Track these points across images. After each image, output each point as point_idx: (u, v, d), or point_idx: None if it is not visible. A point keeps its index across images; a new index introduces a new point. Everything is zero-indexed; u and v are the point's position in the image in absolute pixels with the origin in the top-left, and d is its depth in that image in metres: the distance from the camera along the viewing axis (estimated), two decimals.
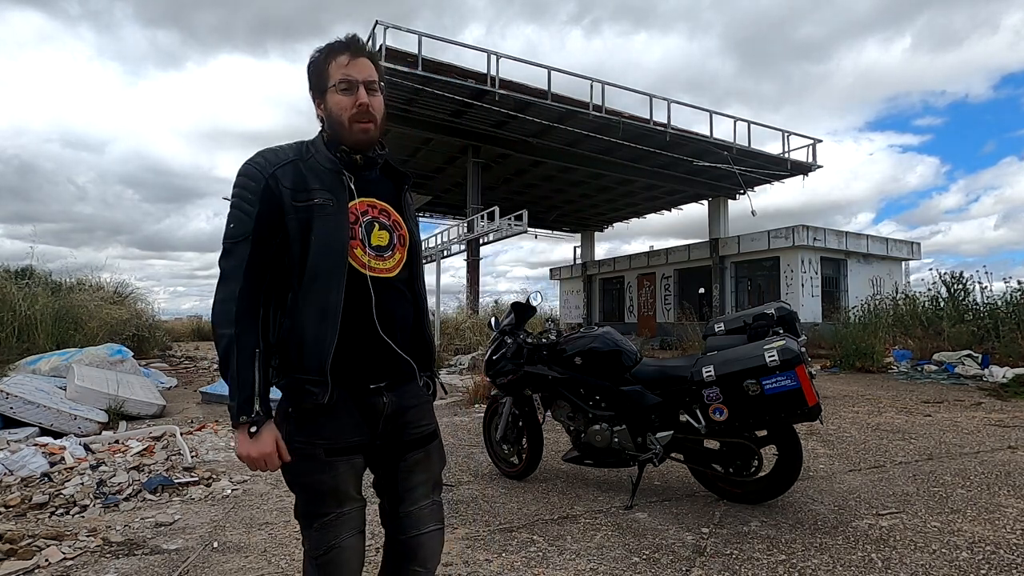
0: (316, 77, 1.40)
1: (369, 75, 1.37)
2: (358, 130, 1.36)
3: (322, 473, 1.34)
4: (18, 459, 3.61)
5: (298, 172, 1.35)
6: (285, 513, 3.05)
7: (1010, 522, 2.78)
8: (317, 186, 1.34)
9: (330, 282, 1.31)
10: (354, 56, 1.36)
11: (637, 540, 2.63)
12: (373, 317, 1.35)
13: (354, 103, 1.35)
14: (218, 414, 6.10)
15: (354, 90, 1.35)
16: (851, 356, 9.79)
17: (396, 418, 1.42)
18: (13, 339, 8.15)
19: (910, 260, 19.69)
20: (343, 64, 1.35)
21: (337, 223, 1.33)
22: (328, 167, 1.37)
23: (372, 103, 1.37)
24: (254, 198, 1.32)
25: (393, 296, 1.41)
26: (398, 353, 1.39)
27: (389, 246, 1.42)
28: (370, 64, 1.38)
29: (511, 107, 13.44)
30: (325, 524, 1.35)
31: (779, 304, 3.24)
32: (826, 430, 4.95)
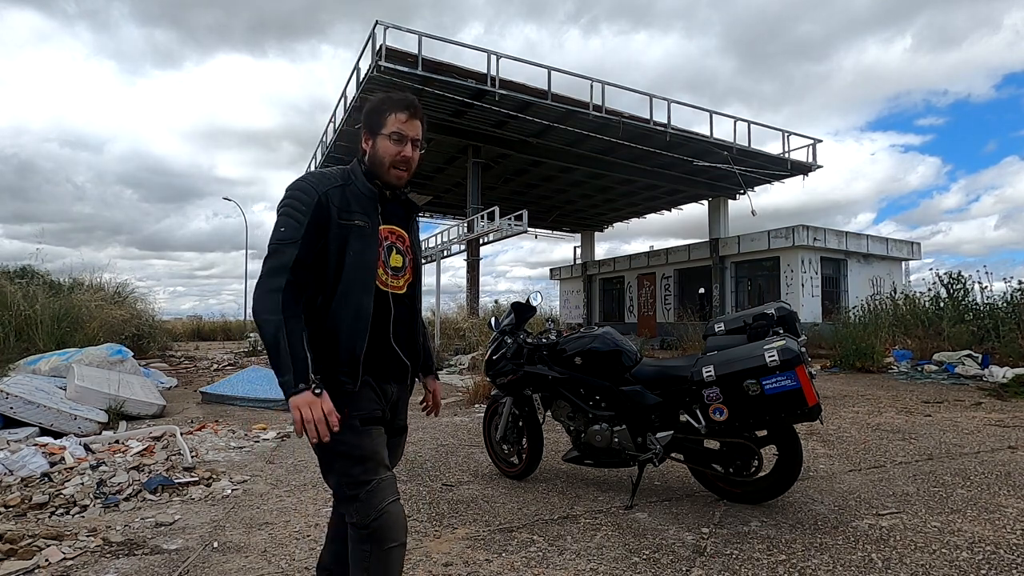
0: (373, 119, 1.65)
1: (418, 134, 1.65)
2: (395, 175, 1.64)
3: (360, 438, 1.55)
4: (18, 459, 3.61)
5: (344, 195, 1.60)
6: (285, 513, 3.05)
7: (1010, 522, 2.78)
8: (358, 210, 1.60)
9: (364, 292, 1.57)
10: (411, 117, 1.63)
11: (637, 540, 2.63)
12: (390, 327, 1.64)
13: (399, 153, 1.62)
14: (218, 414, 6.11)
15: (403, 143, 1.62)
16: (851, 356, 9.78)
17: (394, 407, 1.73)
18: (13, 339, 8.15)
19: (910, 260, 19.69)
20: (401, 120, 1.62)
21: (371, 243, 1.60)
22: (367, 195, 1.63)
23: (414, 157, 1.66)
24: (306, 209, 1.55)
25: (403, 310, 1.69)
26: (403, 359, 1.69)
27: (402, 268, 1.70)
28: (420, 126, 1.66)
29: (511, 107, 13.44)
30: (371, 491, 1.51)
31: (779, 304, 3.24)
32: (826, 430, 4.95)
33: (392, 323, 1.64)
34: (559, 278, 28.13)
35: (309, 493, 3.40)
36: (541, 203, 22.01)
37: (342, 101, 14.87)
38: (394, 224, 1.70)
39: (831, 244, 17.46)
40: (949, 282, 11.56)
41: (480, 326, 11.97)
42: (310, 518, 2.97)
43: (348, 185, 1.62)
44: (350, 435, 1.52)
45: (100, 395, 5.59)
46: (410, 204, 1.78)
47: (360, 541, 1.51)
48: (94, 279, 13.54)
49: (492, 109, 13.26)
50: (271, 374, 7.94)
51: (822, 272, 17.52)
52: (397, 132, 1.61)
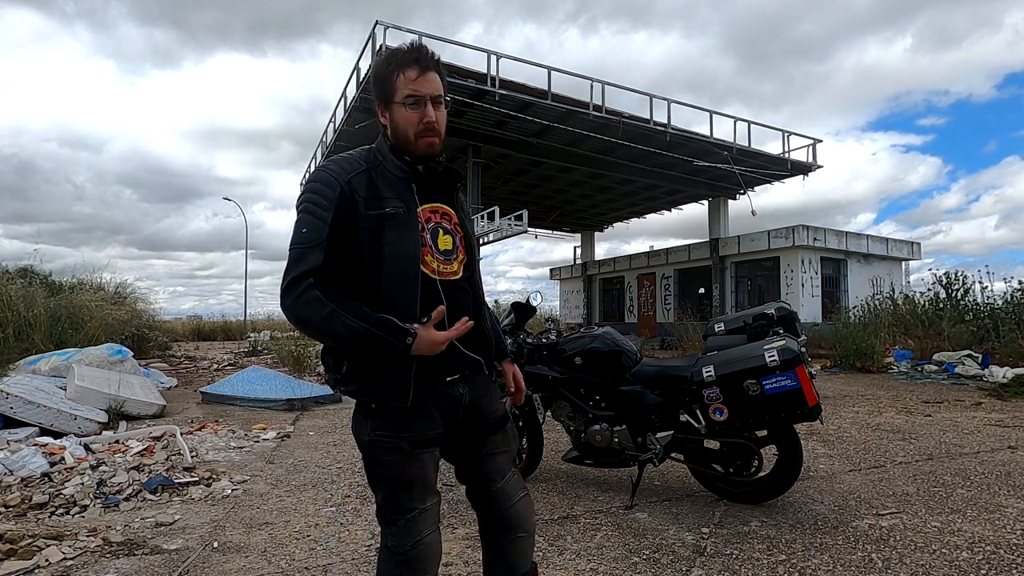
0: (381, 86, 1.41)
1: (436, 90, 1.39)
2: (424, 144, 1.40)
3: (409, 465, 1.38)
4: (18, 459, 3.61)
5: (371, 181, 1.38)
6: (285, 513, 3.05)
7: (1010, 522, 2.78)
8: (389, 195, 1.37)
9: (407, 289, 1.36)
10: (422, 71, 1.37)
11: (637, 540, 2.63)
12: (445, 322, 1.38)
13: (421, 119, 1.37)
14: (218, 414, 6.11)
15: (421, 106, 1.37)
16: (851, 356, 9.78)
17: (472, 407, 1.48)
18: (13, 339, 8.14)
19: (910, 260, 19.69)
20: (411, 79, 1.37)
21: (408, 232, 1.37)
22: (398, 175, 1.41)
23: (437, 118, 1.40)
24: (328, 204, 1.33)
25: (459, 297, 1.46)
26: (468, 355, 1.46)
27: (454, 249, 1.47)
28: (437, 78, 1.40)
29: (511, 107, 13.44)
30: (410, 521, 1.38)
31: (779, 304, 3.24)
32: (826, 430, 4.95)
33: (448, 316, 1.38)
34: (559, 278, 28.13)
35: (309, 493, 3.40)
36: (541, 203, 22.00)
37: (342, 101, 14.87)
38: (437, 201, 1.47)
39: (831, 244, 17.46)
40: (949, 282, 11.56)
41: None
42: (310, 518, 2.97)
43: (375, 167, 1.40)
44: (397, 458, 1.36)
45: (100, 395, 5.59)
46: (451, 174, 1.52)
47: (390, 563, 1.39)
48: (94, 279, 13.56)
49: (492, 109, 13.25)
50: (271, 374, 7.95)
51: (822, 272, 17.51)
52: (411, 94, 1.36)
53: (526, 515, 1.57)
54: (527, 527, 1.57)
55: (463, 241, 1.50)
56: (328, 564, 2.41)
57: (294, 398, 6.57)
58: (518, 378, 1.68)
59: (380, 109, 1.44)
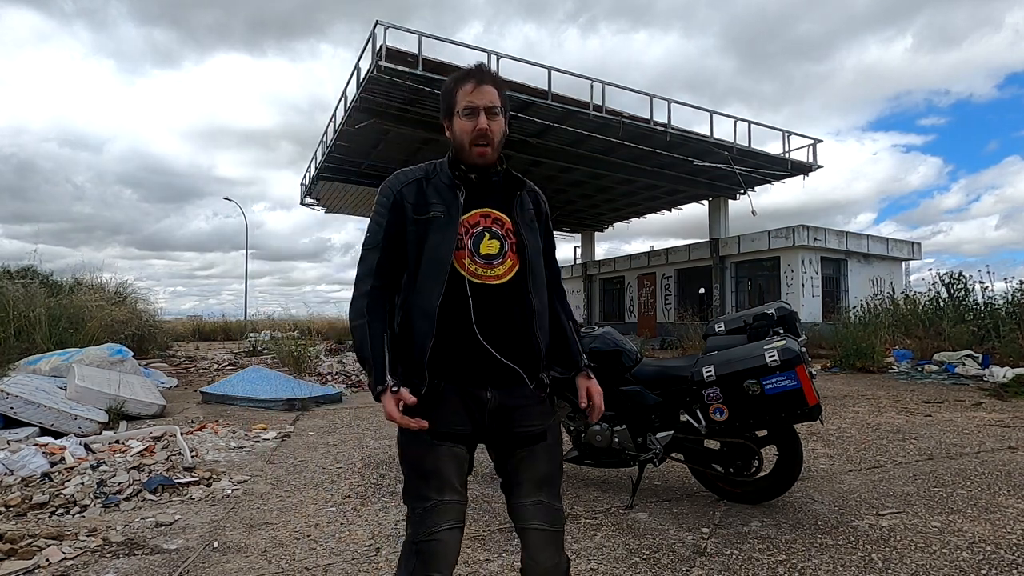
0: (445, 102, 1.54)
1: (490, 101, 1.49)
2: (476, 153, 1.49)
3: (426, 454, 1.45)
4: (18, 459, 3.61)
5: (421, 189, 1.53)
6: (285, 513, 3.05)
7: (1010, 522, 2.78)
8: (435, 201, 1.50)
9: (433, 287, 1.45)
10: (478, 84, 1.49)
11: (637, 540, 2.63)
12: (472, 323, 1.44)
13: (474, 128, 1.47)
14: (218, 414, 6.11)
15: (475, 116, 1.47)
16: (851, 356, 9.78)
17: (502, 414, 1.49)
18: (13, 339, 8.15)
19: (910, 260, 19.69)
20: (468, 92, 1.49)
21: (445, 234, 1.47)
22: (446, 183, 1.53)
23: (491, 127, 1.49)
24: (384, 211, 1.52)
25: (499, 302, 1.48)
26: (499, 358, 1.46)
27: (499, 254, 1.51)
28: (493, 90, 1.50)
29: (511, 107, 13.36)
30: (427, 510, 1.43)
31: (779, 304, 3.24)
32: (826, 430, 4.95)
33: (476, 318, 1.44)
34: None
35: (309, 493, 3.40)
36: None
37: (342, 101, 14.87)
38: (490, 207, 1.53)
39: (831, 244, 17.46)
40: (949, 282, 11.56)
41: None
42: (310, 518, 2.97)
43: (430, 177, 1.54)
44: (417, 447, 1.45)
45: (100, 395, 5.59)
46: (512, 182, 1.59)
47: (407, 551, 1.45)
48: (94, 279, 13.57)
49: None
50: (271, 374, 7.96)
51: (822, 272, 17.51)
52: (467, 105, 1.48)
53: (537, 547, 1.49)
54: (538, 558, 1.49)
55: (514, 247, 1.52)
56: (328, 564, 2.41)
57: (294, 398, 6.58)
58: (592, 394, 1.64)
59: (445, 124, 1.57)
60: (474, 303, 1.44)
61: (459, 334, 1.45)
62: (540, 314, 1.54)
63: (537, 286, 1.54)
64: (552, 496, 1.54)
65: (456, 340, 1.45)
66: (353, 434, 5.13)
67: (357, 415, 6.16)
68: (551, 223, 1.72)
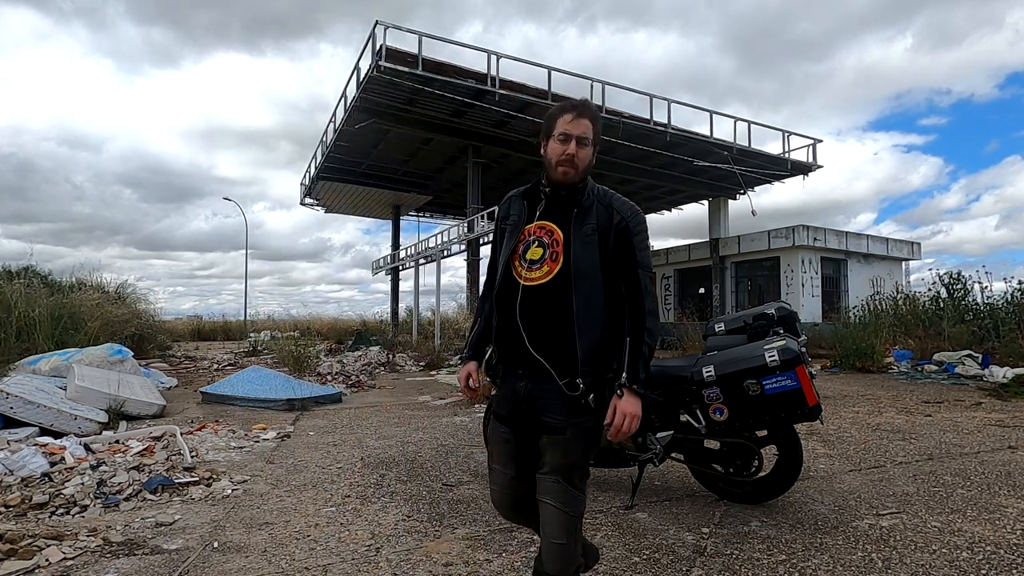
0: (546, 125, 1.77)
1: (584, 132, 1.71)
2: (560, 172, 1.73)
3: (488, 427, 1.91)
4: (18, 459, 3.61)
5: (511, 203, 1.87)
6: (285, 513, 3.05)
7: (1010, 522, 2.78)
8: (515, 212, 1.83)
9: (495, 286, 1.81)
10: (578, 116, 1.71)
11: (637, 540, 2.63)
12: (516, 319, 1.72)
13: (563, 152, 1.71)
14: (218, 414, 6.11)
15: (568, 142, 1.71)
16: (851, 356, 9.78)
17: (531, 402, 1.72)
18: (13, 339, 8.15)
19: (910, 260, 19.69)
20: (567, 121, 1.71)
21: (510, 240, 1.80)
22: (524, 198, 1.84)
23: (578, 154, 1.71)
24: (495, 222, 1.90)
25: (537, 302, 1.71)
26: (530, 351, 1.70)
27: (540, 260, 1.74)
28: (588, 123, 1.72)
29: (511, 107, 13.44)
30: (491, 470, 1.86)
31: (779, 304, 3.23)
32: (826, 430, 4.95)
33: (519, 315, 1.71)
34: None
35: (309, 493, 3.40)
36: None
37: (342, 101, 14.87)
38: (550, 220, 1.76)
39: (831, 244, 17.46)
40: (949, 282, 11.56)
41: None
42: (310, 518, 2.97)
43: (521, 195, 1.85)
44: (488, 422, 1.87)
45: (100, 395, 5.59)
46: (571, 202, 1.76)
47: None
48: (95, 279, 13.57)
49: (492, 109, 13.25)
50: (271, 374, 7.96)
51: (822, 272, 17.51)
52: (563, 132, 1.70)
53: (546, 520, 1.69)
54: (547, 531, 1.69)
55: (554, 256, 1.72)
56: (328, 564, 2.41)
57: (294, 398, 6.58)
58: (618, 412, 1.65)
59: (542, 143, 1.80)
60: (520, 299, 1.72)
61: (508, 324, 1.74)
62: (580, 317, 1.67)
63: (580, 291, 1.68)
64: (568, 480, 1.68)
65: (508, 331, 1.75)
66: (353, 434, 5.13)
67: (357, 415, 6.16)
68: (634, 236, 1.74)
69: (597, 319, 1.70)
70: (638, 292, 1.72)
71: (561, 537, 1.69)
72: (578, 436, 1.69)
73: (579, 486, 1.70)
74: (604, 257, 1.72)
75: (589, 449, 1.73)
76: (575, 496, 1.69)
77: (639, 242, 1.75)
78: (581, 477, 1.71)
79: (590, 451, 1.73)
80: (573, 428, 1.69)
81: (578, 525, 1.73)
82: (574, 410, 1.68)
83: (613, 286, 1.73)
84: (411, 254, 18.36)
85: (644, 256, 1.76)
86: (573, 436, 1.69)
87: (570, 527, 1.69)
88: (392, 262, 21.26)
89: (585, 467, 1.74)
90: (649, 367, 1.73)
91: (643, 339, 1.69)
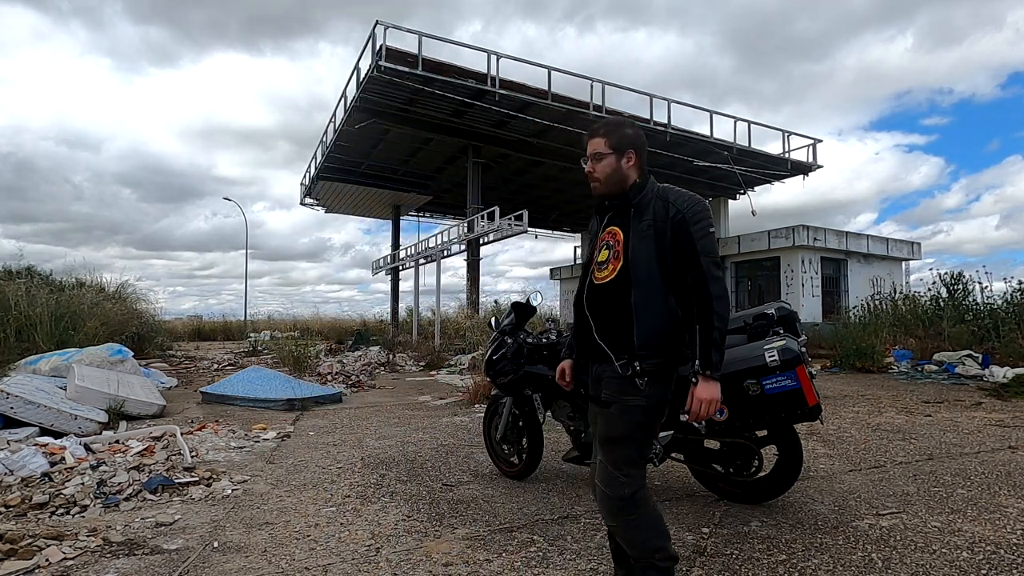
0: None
1: (594, 149, 1.93)
2: (592, 189, 1.98)
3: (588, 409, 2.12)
4: (18, 459, 3.61)
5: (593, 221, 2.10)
6: (285, 513, 3.05)
7: (1010, 522, 2.78)
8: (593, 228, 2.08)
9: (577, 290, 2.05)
10: (588, 138, 1.96)
11: None
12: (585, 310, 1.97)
13: (586, 172, 1.97)
14: (218, 414, 6.11)
15: (585, 163, 1.97)
16: (851, 356, 9.78)
17: (596, 382, 1.96)
18: (13, 339, 8.15)
19: (910, 260, 19.69)
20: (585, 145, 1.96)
21: (590, 248, 2.06)
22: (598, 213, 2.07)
23: (595, 168, 1.93)
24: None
25: (603, 297, 1.92)
26: (596, 339, 1.91)
27: (606, 261, 1.94)
28: (597, 140, 1.92)
29: (511, 107, 13.45)
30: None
31: (779, 304, 3.23)
32: (826, 430, 4.95)
33: (588, 309, 1.96)
34: (559, 278, 28.12)
35: (309, 493, 3.40)
36: (541, 203, 22.00)
37: (342, 101, 14.87)
38: (615, 225, 1.95)
39: (831, 244, 17.46)
40: (949, 282, 11.56)
41: (480, 326, 11.97)
42: (310, 518, 2.97)
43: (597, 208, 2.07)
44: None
45: (100, 395, 5.59)
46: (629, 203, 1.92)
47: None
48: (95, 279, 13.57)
49: (492, 109, 13.26)
50: (271, 374, 7.96)
51: (822, 272, 17.51)
52: (585, 156, 1.96)
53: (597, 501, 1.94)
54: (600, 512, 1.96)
55: (616, 256, 1.90)
56: (328, 564, 2.41)
57: (294, 398, 6.58)
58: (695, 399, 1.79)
59: None
60: (590, 296, 1.96)
61: (580, 317, 1.99)
62: (639, 306, 1.82)
63: (639, 285, 1.83)
64: (607, 458, 1.86)
65: (579, 322, 2.00)
66: (353, 434, 5.13)
67: (357, 415, 6.16)
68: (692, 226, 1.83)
69: (656, 307, 1.81)
70: (702, 279, 1.80)
71: (609, 519, 1.88)
72: (622, 412, 1.82)
73: (620, 467, 1.83)
74: (662, 249, 1.83)
75: (634, 428, 1.83)
76: (614, 478, 1.82)
77: (698, 231, 1.82)
78: (623, 458, 1.83)
79: (635, 430, 1.84)
80: (618, 404, 1.83)
81: (626, 508, 1.82)
82: (623, 388, 1.82)
83: (678, 276, 1.83)
84: (411, 254, 18.36)
85: (705, 243, 1.83)
86: (617, 411, 1.83)
87: (613, 509, 1.84)
88: (392, 262, 21.26)
89: (627, 446, 1.84)
90: (723, 350, 1.80)
91: (712, 324, 1.78)
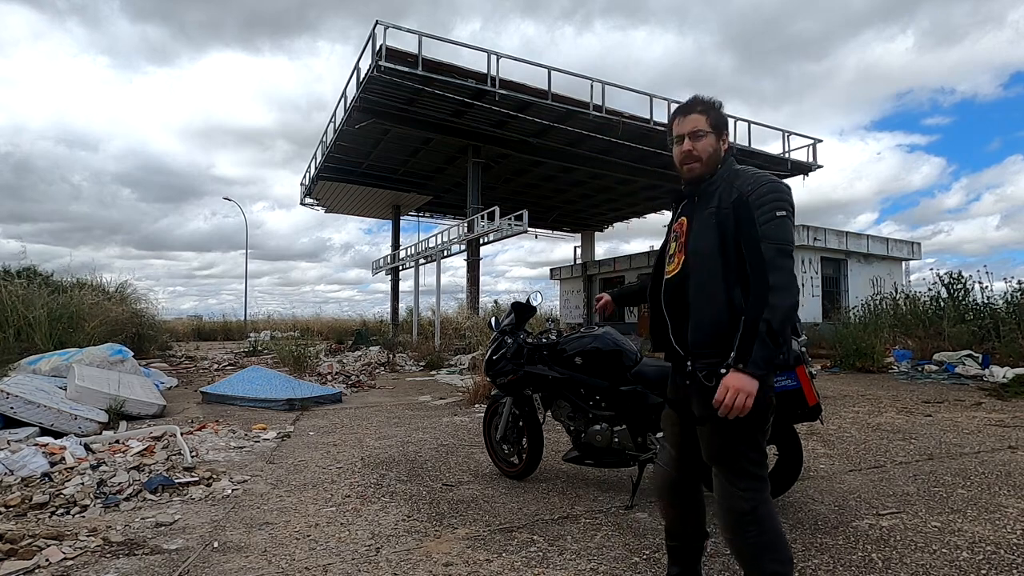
0: (668, 134, 1.90)
1: (692, 127, 1.80)
2: (685, 170, 1.85)
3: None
4: (18, 459, 3.61)
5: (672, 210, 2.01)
6: (285, 513, 3.05)
7: (1010, 522, 2.78)
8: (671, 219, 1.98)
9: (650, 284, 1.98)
10: (683, 115, 1.83)
11: (637, 540, 2.63)
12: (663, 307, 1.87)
13: (681, 151, 1.82)
14: (218, 414, 6.11)
15: (681, 142, 1.83)
16: (851, 356, 9.78)
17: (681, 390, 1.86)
18: (13, 339, 8.15)
19: (910, 260, 19.69)
20: (676, 124, 1.85)
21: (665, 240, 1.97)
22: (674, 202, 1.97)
23: (695, 147, 1.80)
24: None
25: (671, 290, 1.85)
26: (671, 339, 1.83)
27: (674, 254, 1.87)
28: (694, 117, 1.80)
29: (511, 107, 13.44)
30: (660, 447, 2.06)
31: None
32: (826, 430, 4.95)
33: (664, 307, 1.85)
34: (559, 278, 28.13)
35: (309, 493, 3.40)
36: (541, 203, 22.00)
37: (342, 101, 14.86)
38: (685, 215, 1.87)
39: (831, 244, 17.45)
40: (950, 282, 11.56)
41: (480, 326, 11.98)
42: (310, 518, 2.97)
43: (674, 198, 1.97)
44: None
45: (100, 395, 5.59)
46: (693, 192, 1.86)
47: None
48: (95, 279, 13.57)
49: (492, 109, 13.25)
50: (271, 374, 7.96)
51: (822, 272, 17.51)
52: (676, 135, 1.84)
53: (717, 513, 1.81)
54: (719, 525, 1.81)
55: (681, 248, 1.82)
56: (328, 564, 2.41)
57: (294, 398, 6.58)
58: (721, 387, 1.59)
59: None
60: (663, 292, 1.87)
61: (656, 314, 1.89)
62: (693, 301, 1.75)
63: (695, 276, 1.75)
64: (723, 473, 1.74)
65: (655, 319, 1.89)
66: (353, 434, 5.13)
67: (357, 415, 6.16)
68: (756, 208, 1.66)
69: (713, 301, 1.67)
70: (760, 266, 1.60)
71: (726, 532, 1.77)
72: (718, 428, 1.66)
73: (735, 481, 1.68)
74: (725, 237, 1.67)
75: (736, 440, 1.65)
76: (729, 492, 1.70)
77: (763, 213, 1.64)
78: (737, 471, 1.68)
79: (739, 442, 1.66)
80: (713, 420, 1.64)
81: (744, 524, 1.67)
82: (703, 397, 1.69)
83: (742, 265, 1.64)
84: (411, 254, 18.36)
85: (770, 228, 1.62)
86: (713, 429, 1.69)
87: (731, 524, 1.71)
88: (392, 262, 21.26)
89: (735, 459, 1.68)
90: (770, 346, 1.56)
91: (760, 316, 1.56)
